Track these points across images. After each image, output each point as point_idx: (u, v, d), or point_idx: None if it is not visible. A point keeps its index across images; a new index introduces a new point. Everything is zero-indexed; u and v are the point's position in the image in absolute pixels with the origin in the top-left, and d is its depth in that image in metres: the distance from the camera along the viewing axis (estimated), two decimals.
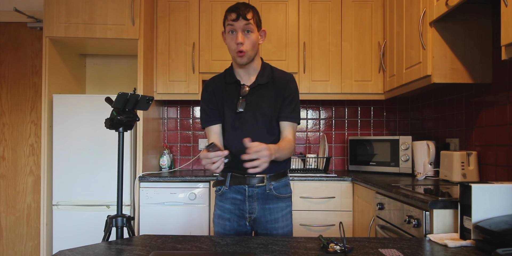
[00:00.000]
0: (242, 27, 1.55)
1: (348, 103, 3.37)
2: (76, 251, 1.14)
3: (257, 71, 1.67)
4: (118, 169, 1.69)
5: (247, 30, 1.56)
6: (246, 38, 1.56)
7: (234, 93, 1.65)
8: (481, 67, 2.11)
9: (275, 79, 1.66)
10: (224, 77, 1.70)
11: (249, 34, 1.56)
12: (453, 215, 1.46)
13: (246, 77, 1.66)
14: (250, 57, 1.59)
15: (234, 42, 1.56)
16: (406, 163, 2.71)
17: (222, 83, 1.69)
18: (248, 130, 1.62)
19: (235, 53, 1.57)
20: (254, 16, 1.58)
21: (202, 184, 2.69)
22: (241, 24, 1.54)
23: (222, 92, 1.67)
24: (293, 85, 1.68)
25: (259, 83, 1.64)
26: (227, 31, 1.59)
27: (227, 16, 1.58)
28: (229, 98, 1.65)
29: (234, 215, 1.65)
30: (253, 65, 1.64)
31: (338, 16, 3.01)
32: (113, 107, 1.66)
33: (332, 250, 1.13)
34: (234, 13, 1.54)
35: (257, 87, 1.63)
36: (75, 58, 3.17)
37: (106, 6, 2.68)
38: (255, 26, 1.58)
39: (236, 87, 1.65)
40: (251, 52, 1.58)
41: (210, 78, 1.75)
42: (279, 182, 1.66)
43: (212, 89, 1.69)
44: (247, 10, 1.56)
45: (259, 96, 1.63)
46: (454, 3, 1.82)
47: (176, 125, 3.39)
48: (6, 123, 3.33)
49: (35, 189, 3.30)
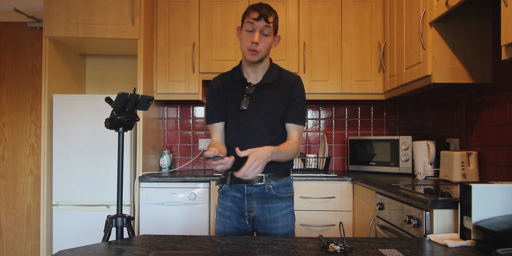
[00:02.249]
0: (260, 28, 1.56)
1: (348, 103, 3.37)
2: (76, 251, 1.14)
3: (265, 70, 1.68)
4: (118, 169, 1.69)
5: (264, 33, 1.57)
6: (262, 40, 1.57)
7: (239, 91, 1.66)
8: (481, 67, 2.11)
9: (281, 79, 1.67)
10: (232, 74, 1.71)
11: (265, 37, 1.58)
12: (453, 215, 1.46)
13: (253, 76, 1.68)
14: (262, 57, 1.61)
15: (250, 40, 1.56)
16: (406, 163, 2.71)
17: (228, 81, 1.70)
18: (250, 128, 1.62)
19: (247, 50, 1.58)
20: (274, 20, 1.60)
21: (202, 184, 2.69)
22: (261, 25, 1.56)
23: (227, 90, 1.68)
24: (300, 87, 1.69)
25: (265, 82, 1.65)
26: (245, 28, 1.59)
27: (249, 13, 1.58)
28: (234, 96, 1.66)
29: (234, 213, 1.66)
30: (261, 64, 1.66)
31: (338, 16, 3.01)
32: (113, 107, 1.66)
33: (332, 250, 1.13)
34: (257, 12, 1.55)
35: (263, 86, 1.65)
36: (75, 58, 3.17)
37: (106, 6, 2.68)
38: (272, 31, 1.60)
39: (242, 85, 1.67)
40: (263, 53, 1.60)
41: (218, 75, 1.77)
42: (279, 181, 1.66)
43: (217, 86, 1.71)
44: (270, 13, 1.58)
45: (264, 95, 1.64)
46: (454, 3, 1.82)
47: (176, 125, 3.39)
48: (6, 123, 3.33)
49: (35, 189, 3.29)
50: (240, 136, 1.63)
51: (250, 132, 1.63)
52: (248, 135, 1.63)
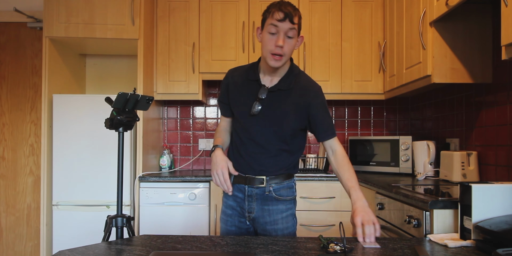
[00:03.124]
0: (285, 30, 1.44)
1: (348, 103, 3.37)
2: (76, 251, 1.14)
3: (282, 74, 1.57)
4: (118, 169, 1.69)
5: (289, 35, 1.45)
6: (287, 43, 1.45)
7: (251, 92, 1.57)
8: (481, 67, 2.10)
9: (299, 87, 1.56)
10: (247, 72, 1.61)
11: (290, 40, 1.46)
12: (453, 215, 1.46)
13: (269, 78, 1.58)
14: (285, 62, 1.50)
15: (273, 43, 1.44)
16: (406, 163, 2.71)
17: (243, 78, 1.62)
18: (256, 133, 1.58)
19: (270, 55, 1.46)
20: (299, 21, 1.47)
21: (202, 184, 2.69)
22: (286, 26, 1.43)
23: (239, 88, 1.61)
24: (322, 99, 1.58)
25: (280, 88, 1.54)
26: (267, 30, 1.46)
27: (272, 13, 1.44)
28: (244, 97, 1.59)
29: (236, 212, 1.66)
30: (281, 67, 1.54)
31: (338, 16, 3.01)
32: (113, 107, 1.65)
33: (332, 250, 1.13)
34: (281, 13, 1.41)
35: (276, 92, 1.55)
36: (75, 58, 3.17)
37: (106, 6, 2.68)
38: (297, 32, 1.48)
39: (256, 86, 1.56)
40: (287, 57, 1.49)
41: (235, 68, 1.68)
42: (281, 184, 1.63)
43: (227, 82, 1.65)
44: (295, 12, 1.44)
45: (275, 101, 1.55)
46: (454, 3, 1.82)
47: (176, 125, 3.39)
48: (6, 123, 3.33)
49: (35, 189, 3.29)
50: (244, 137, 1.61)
51: (255, 137, 1.58)
52: (253, 139, 1.59)
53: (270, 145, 1.59)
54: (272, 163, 1.60)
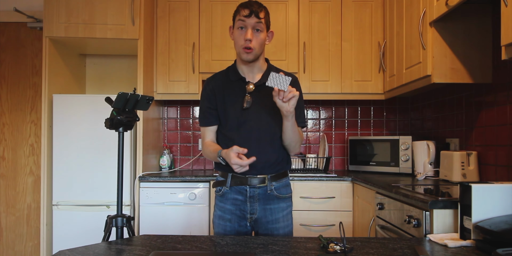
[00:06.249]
0: (252, 25, 1.56)
1: (348, 103, 3.37)
2: (76, 251, 1.14)
3: (262, 70, 1.67)
4: (118, 169, 1.69)
5: (256, 29, 1.57)
6: (255, 37, 1.56)
7: (238, 90, 1.64)
8: (481, 67, 2.11)
9: None
10: (227, 74, 1.69)
11: (258, 33, 1.57)
12: (453, 215, 1.46)
13: (250, 75, 1.67)
14: (257, 55, 1.60)
15: (243, 38, 1.56)
16: (406, 163, 2.71)
17: (224, 81, 1.68)
18: (252, 127, 1.61)
19: (241, 49, 1.57)
20: (265, 16, 1.59)
21: (202, 184, 2.69)
22: (252, 21, 1.55)
23: (223, 90, 1.66)
24: (299, 89, 1.68)
25: (264, 81, 1.61)
26: (236, 26, 1.59)
27: (239, 11, 1.58)
28: (232, 95, 1.64)
29: (235, 216, 1.65)
30: (258, 63, 1.65)
31: (338, 16, 3.01)
32: (113, 107, 1.66)
33: (332, 250, 1.13)
34: (247, 9, 1.55)
35: (262, 86, 1.63)
36: (75, 58, 3.17)
37: (106, 6, 2.68)
38: (265, 26, 1.59)
39: (241, 84, 1.65)
40: (258, 50, 1.59)
41: (210, 76, 1.74)
42: (280, 182, 1.67)
43: (212, 87, 1.68)
44: (260, 8, 1.57)
45: (263, 94, 1.63)
46: (454, 3, 1.82)
47: (176, 125, 3.39)
48: (6, 123, 3.33)
49: (35, 189, 3.30)
50: (240, 136, 1.62)
51: (251, 131, 1.61)
52: (249, 134, 1.61)
53: (266, 138, 1.62)
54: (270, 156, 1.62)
